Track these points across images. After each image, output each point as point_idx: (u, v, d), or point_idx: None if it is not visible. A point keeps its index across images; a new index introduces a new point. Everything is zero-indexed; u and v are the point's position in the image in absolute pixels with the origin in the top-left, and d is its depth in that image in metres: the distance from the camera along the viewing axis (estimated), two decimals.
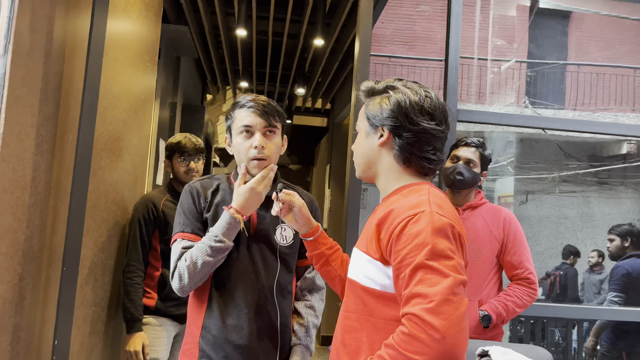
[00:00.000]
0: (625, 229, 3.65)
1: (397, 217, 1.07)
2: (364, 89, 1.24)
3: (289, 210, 1.40)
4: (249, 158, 1.49)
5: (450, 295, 0.96)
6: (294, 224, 1.42)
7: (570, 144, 8.41)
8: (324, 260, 1.40)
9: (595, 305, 5.21)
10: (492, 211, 2.13)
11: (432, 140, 1.15)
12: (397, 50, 8.17)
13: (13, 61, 1.45)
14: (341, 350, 1.16)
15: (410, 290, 0.99)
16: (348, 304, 1.18)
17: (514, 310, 2.01)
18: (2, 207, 1.44)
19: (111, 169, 2.15)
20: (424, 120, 1.14)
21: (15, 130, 1.48)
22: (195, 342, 1.50)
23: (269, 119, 1.50)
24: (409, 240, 1.03)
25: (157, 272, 2.25)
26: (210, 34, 5.06)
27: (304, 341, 1.58)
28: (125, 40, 2.23)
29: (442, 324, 0.93)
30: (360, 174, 1.25)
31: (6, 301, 1.50)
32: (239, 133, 1.51)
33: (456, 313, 0.95)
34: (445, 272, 0.98)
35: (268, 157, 1.50)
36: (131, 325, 2.14)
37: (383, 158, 1.19)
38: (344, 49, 5.10)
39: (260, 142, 1.48)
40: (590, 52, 8.66)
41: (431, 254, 1.00)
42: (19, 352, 1.59)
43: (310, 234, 1.41)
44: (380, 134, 1.18)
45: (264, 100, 1.52)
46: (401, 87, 1.18)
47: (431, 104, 1.15)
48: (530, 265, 2.08)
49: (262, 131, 1.50)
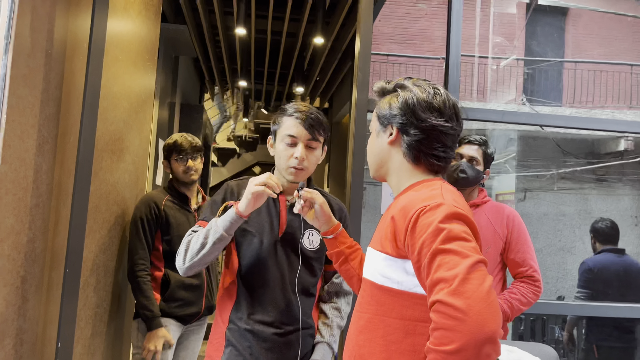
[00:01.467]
0: (592, 226, 3.69)
1: (410, 210, 1.06)
2: (376, 89, 1.25)
3: (310, 207, 1.44)
4: (288, 166, 1.56)
5: (471, 273, 0.93)
6: (314, 222, 1.45)
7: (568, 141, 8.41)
8: (343, 258, 1.42)
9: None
10: (495, 209, 2.13)
11: (441, 137, 1.15)
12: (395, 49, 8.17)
13: (14, 61, 1.43)
14: (355, 352, 1.15)
15: (432, 277, 0.97)
16: (362, 304, 1.17)
17: (518, 308, 2.00)
18: (4, 209, 1.43)
19: (112, 169, 2.14)
20: (432, 116, 1.13)
21: (17, 131, 1.47)
22: (222, 332, 1.58)
23: (314, 132, 1.56)
24: (423, 230, 1.01)
25: (159, 273, 2.24)
26: (209, 33, 5.04)
27: (327, 339, 1.63)
28: (126, 40, 2.22)
29: (466, 303, 0.90)
30: (373, 174, 1.27)
31: (9, 304, 1.49)
32: (283, 141, 1.56)
33: (480, 289, 0.91)
34: (463, 252, 0.96)
35: (306, 168, 1.57)
36: (152, 322, 2.13)
37: (393, 156, 1.20)
38: (343, 48, 5.09)
39: (302, 155, 1.54)
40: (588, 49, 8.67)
41: (447, 238, 0.98)
42: (22, 355, 1.58)
43: (331, 231, 1.44)
44: (390, 132, 1.19)
45: (312, 113, 1.57)
46: (409, 85, 1.18)
47: (440, 100, 1.15)
48: (534, 263, 2.07)
49: (305, 143, 1.56)
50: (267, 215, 1.60)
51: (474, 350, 0.88)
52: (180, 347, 2.28)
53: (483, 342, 0.88)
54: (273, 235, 1.58)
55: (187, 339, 2.33)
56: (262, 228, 1.58)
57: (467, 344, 0.88)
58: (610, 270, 3.52)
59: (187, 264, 1.51)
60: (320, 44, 4.98)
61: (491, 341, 0.88)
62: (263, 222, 1.59)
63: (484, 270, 0.96)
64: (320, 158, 1.62)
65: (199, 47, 5.41)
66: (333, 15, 4.67)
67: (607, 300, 3.47)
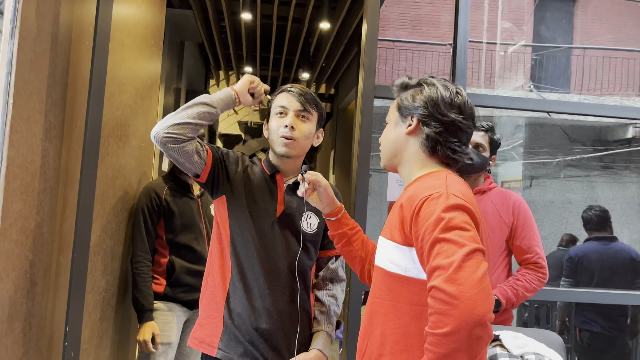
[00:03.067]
0: (582, 215, 3.75)
1: (415, 199, 1.13)
2: (398, 83, 1.31)
3: (314, 190, 1.45)
4: (278, 135, 1.56)
5: (466, 261, 0.99)
6: (318, 204, 1.46)
7: (575, 128, 8.35)
8: (345, 240, 1.45)
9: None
10: (501, 196, 2.12)
11: (458, 133, 1.22)
12: (401, 34, 8.09)
13: (20, 46, 1.43)
14: (369, 334, 1.20)
15: (430, 264, 1.03)
16: (375, 290, 1.23)
17: (523, 295, 2.01)
18: (12, 194, 1.43)
19: (119, 155, 2.14)
20: (452, 112, 1.21)
21: (24, 116, 1.47)
22: (218, 317, 1.55)
23: (305, 103, 1.57)
24: (425, 219, 1.07)
25: (164, 259, 2.25)
26: (214, 18, 5.01)
27: (326, 328, 1.61)
28: (131, 25, 2.21)
29: (458, 290, 0.96)
30: (385, 163, 1.31)
31: (18, 288, 1.50)
32: (275, 114, 1.58)
33: (473, 276, 0.97)
34: (460, 242, 1.01)
35: (297, 139, 1.56)
36: (142, 316, 2.15)
37: (410, 146, 1.25)
38: (349, 33, 5.05)
39: (291, 122, 1.55)
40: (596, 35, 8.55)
41: (446, 227, 1.04)
42: (31, 339, 1.60)
43: (334, 213, 1.46)
44: (409, 123, 1.25)
45: (302, 88, 1.60)
46: (435, 82, 1.25)
47: (461, 100, 1.23)
48: (540, 249, 2.07)
49: (296, 113, 1.57)
50: (263, 194, 1.57)
51: (465, 332, 0.95)
52: (187, 331, 2.30)
53: (474, 324, 0.95)
54: (270, 216, 1.55)
55: (193, 323, 2.35)
56: (258, 207, 1.55)
57: (459, 327, 0.95)
58: (592, 259, 3.62)
59: (167, 120, 1.45)
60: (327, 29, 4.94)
61: (481, 324, 0.95)
62: (259, 202, 1.56)
63: (480, 258, 1.01)
64: (312, 135, 1.61)
65: (205, 32, 5.38)
66: (339, 0, 4.63)
67: (590, 287, 3.54)
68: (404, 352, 1.12)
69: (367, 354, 1.20)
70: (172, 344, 2.22)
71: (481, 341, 0.96)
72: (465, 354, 0.95)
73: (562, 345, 1.69)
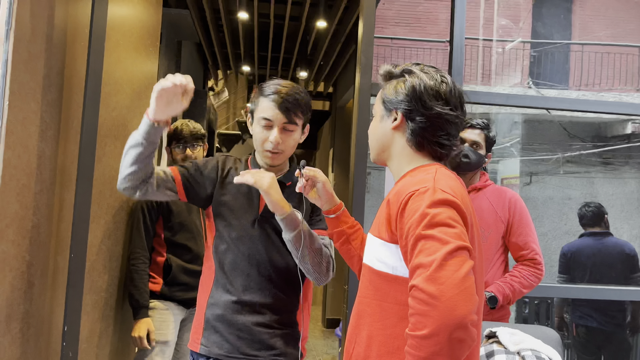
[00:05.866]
0: (577, 211, 3.77)
1: (402, 194, 1.08)
2: (382, 72, 1.24)
3: (313, 186, 1.42)
4: (263, 149, 1.53)
5: (448, 260, 0.95)
6: (317, 200, 1.43)
7: (575, 125, 8.34)
8: (344, 238, 1.41)
9: None
10: (497, 192, 2.13)
11: (445, 126, 1.15)
12: (399, 32, 8.08)
13: (15, 47, 1.43)
14: (356, 335, 1.17)
15: (413, 262, 0.99)
16: (362, 289, 1.19)
17: (520, 291, 2.01)
18: (8, 195, 1.44)
19: (116, 155, 2.15)
20: (438, 104, 1.14)
21: (19, 117, 1.47)
22: (201, 315, 1.56)
23: (290, 115, 1.51)
24: (410, 215, 1.03)
25: (161, 258, 2.26)
26: (211, 17, 5.01)
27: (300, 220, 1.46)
28: (127, 25, 2.21)
29: (438, 289, 0.92)
30: (374, 157, 1.26)
31: (15, 288, 1.51)
32: (259, 123, 1.53)
33: (454, 275, 0.93)
34: (444, 239, 0.97)
35: (282, 152, 1.54)
36: (137, 312, 2.16)
37: (396, 141, 1.20)
38: (347, 31, 5.05)
39: (276, 139, 1.51)
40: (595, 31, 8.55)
41: (430, 224, 0.99)
42: (29, 339, 1.60)
43: (333, 211, 1.42)
44: (394, 117, 1.19)
45: (288, 94, 1.50)
46: (417, 72, 1.18)
47: (447, 88, 1.15)
48: (536, 246, 2.08)
49: (281, 126, 1.51)
50: (247, 192, 1.56)
51: (445, 335, 0.90)
52: (184, 330, 2.31)
53: (454, 327, 0.91)
54: (252, 213, 1.54)
55: (190, 321, 2.36)
56: (240, 205, 1.54)
57: (438, 329, 0.91)
58: (584, 254, 3.64)
59: (120, 172, 1.45)
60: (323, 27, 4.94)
61: (461, 326, 0.91)
62: (242, 199, 1.55)
63: (463, 256, 0.97)
64: (299, 139, 1.57)
65: (202, 32, 5.38)
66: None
67: (583, 283, 3.56)
68: (390, 354, 1.08)
69: (354, 356, 1.16)
70: (169, 342, 2.23)
71: (463, 344, 0.91)
72: (446, 357, 0.91)
73: (558, 341, 1.69)
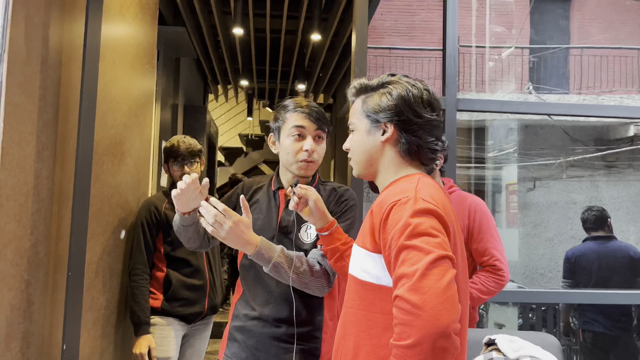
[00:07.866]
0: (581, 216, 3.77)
1: (384, 204, 1.09)
2: (357, 85, 1.24)
3: (305, 204, 1.44)
4: (297, 160, 1.56)
5: (430, 269, 0.96)
6: (309, 218, 1.45)
7: (577, 129, 8.34)
8: (338, 255, 1.43)
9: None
10: (459, 199, 2.11)
11: (434, 131, 1.17)
12: (397, 42, 8.13)
13: (9, 70, 1.46)
14: (342, 346, 1.17)
15: (396, 272, 1.00)
16: (348, 300, 1.19)
17: (479, 297, 1.99)
18: (6, 215, 1.45)
19: (114, 172, 2.16)
20: (426, 112, 1.16)
21: (15, 138, 1.49)
22: (228, 326, 1.63)
23: (321, 125, 1.57)
24: (392, 225, 1.04)
25: (161, 273, 2.26)
26: (209, 33, 5.06)
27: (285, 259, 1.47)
28: (122, 44, 2.24)
29: (422, 299, 0.93)
30: (360, 172, 1.25)
31: (14, 307, 1.52)
32: (289, 135, 1.56)
33: (437, 285, 0.94)
34: (426, 249, 0.98)
35: (316, 161, 1.58)
36: (138, 328, 2.16)
37: (386, 154, 1.20)
38: (343, 43, 5.09)
39: (312, 147, 1.55)
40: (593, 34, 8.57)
41: (412, 234, 1.00)
42: (29, 358, 1.61)
43: (326, 228, 1.43)
44: (383, 130, 1.18)
45: (313, 106, 1.59)
46: (400, 81, 1.19)
47: (429, 95, 1.18)
48: (496, 252, 2.04)
49: (314, 134, 1.57)
50: (267, 210, 1.62)
51: (429, 344, 0.92)
52: (186, 346, 2.31)
53: (437, 336, 0.92)
54: (271, 230, 1.59)
55: (192, 337, 2.36)
56: (261, 222, 1.60)
57: (422, 338, 0.92)
58: (588, 259, 3.61)
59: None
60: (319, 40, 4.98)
61: (445, 335, 0.92)
62: (263, 217, 1.61)
63: (446, 265, 0.98)
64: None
65: (200, 47, 5.43)
66: (330, 12, 4.67)
67: (588, 288, 3.53)
68: None
69: None
70: (171, 358, 2.22)
71: (447, 353, 0.92)
72: None
73: (558, 347, 1.69)
